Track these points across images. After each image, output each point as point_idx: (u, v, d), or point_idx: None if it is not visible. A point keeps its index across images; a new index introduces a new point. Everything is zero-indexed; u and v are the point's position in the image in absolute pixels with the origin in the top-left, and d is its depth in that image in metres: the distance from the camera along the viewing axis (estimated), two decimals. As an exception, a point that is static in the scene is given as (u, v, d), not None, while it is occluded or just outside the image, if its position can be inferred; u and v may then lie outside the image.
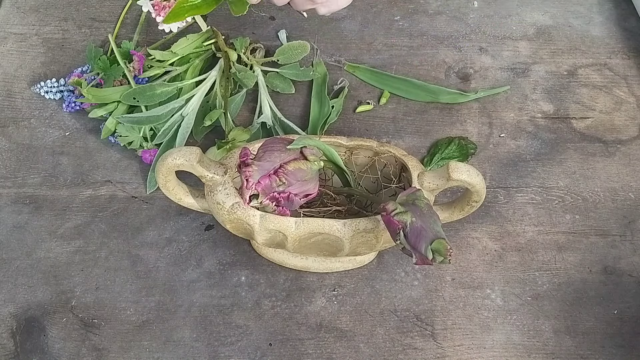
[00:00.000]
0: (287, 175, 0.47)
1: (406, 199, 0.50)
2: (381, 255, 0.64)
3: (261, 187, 0.47)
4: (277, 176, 0.47)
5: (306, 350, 0.59)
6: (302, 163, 0.48)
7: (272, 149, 0.49)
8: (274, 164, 0.47)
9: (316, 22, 0.83)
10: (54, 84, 0.74)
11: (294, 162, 0.48)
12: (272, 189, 0.47)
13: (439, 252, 0.47)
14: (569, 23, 0.84)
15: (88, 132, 0.73)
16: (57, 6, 0.85)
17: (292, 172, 0.47)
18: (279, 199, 0.48)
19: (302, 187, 0.48)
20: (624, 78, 0.78)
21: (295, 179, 0.47)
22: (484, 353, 0.59)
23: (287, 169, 0.47)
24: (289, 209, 0.49)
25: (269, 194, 0.47)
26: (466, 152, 0.71)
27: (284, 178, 0.47)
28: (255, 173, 0.47)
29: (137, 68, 0.71)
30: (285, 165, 0.47)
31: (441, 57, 0.80)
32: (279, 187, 0.47)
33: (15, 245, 0.65)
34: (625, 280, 0.63)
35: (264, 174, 0.47)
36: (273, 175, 0.47)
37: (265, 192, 0.47)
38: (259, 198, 0.47)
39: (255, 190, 0.47)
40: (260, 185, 0.47)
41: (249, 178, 0.46)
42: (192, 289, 0.62)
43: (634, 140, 0.73)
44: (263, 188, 0.47)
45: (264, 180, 0.47)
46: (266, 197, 0.47)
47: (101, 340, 0.59)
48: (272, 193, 0.47)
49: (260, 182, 0.47)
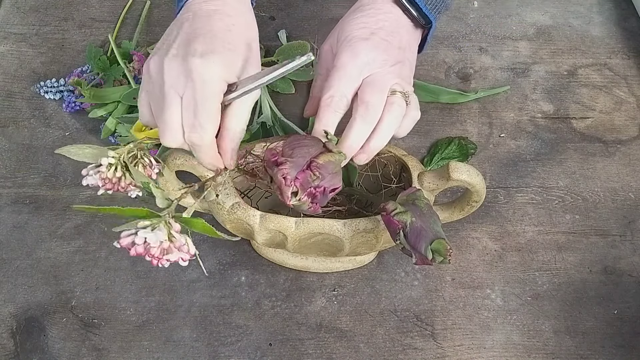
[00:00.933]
0: (320, 169, 0.47)
1: (406, 199, 0.50)
2: (381, 255, 0.64)
3: (300, 183, 0.46)
4: (311, 170, 0.47)
5: (306, 350, 0.59)
6: (330, 155, 0.48)
7: (299, 144, 0.49)
8: (305, 159, 0.47)
9: (316, 22, 0.83)
10: (54, 84, 0.74)
11: (323, 155, 0.47)
12: (309, 183, 0.47)
13: (439, 252, 0.47)
14: (569, 23, 0.84)
15: (88, 132, 0.73)
16: (57, 6, 0.85)
17: (324, 165, 0.47)
18: (315, 194, 0.47)
19: (332, 181, 0.48)
20: (624, 78, 0.78)
21: (327, 171, 0.47)
22: (484, 353, 0.59)
23: (318, 162, 0.47)
24: (321, 205, 0.48)
25: (306, 190, 0.47)
26: (466, 152, 0.71)
27: (318, 172, 0.47)
28: (291, 170, 0.46)
29: (137, 68, 0.71)
30: (316, 159, 0.47)
31: (441, 57, 0.80)
32: (314, 181, 0.47)
33: (15, 245, 0.65)
34: (625, 280, 0.63)
35: (299, 170, 0.46)
36: (307, 170, 0.47)
37: (304, 188, 0.46)
38: (298, 195, 0.47)
39: (294, 186, 0.46)
40: (299, 181, 0.46)
41: (287, 175, 0.46)
42: (192, 289, 0.62)
43: (634, 140, 0.73)
44: (302, 183, 0.46)
45: (301, 176, 0.46)
46: (304, 193, 0.47)
47: (101, 340, 0.59)
48: (309, 188, 0.47)
49: (298, 178, 0.46)
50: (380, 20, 0.53)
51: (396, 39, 0.53)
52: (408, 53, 0.54)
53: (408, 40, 0.54)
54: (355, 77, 0.51)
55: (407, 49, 0.54)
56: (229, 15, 0.49)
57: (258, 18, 0.84)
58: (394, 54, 0.52)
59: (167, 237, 0.42)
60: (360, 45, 0.51)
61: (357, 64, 0.51)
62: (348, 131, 0.50)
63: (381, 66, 0.51)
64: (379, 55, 0.51)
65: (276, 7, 0.85)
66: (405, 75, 0.53)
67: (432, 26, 0.56)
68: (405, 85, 0.52)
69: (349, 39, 0.52)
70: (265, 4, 0.85)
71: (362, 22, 0.53)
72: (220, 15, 0.49)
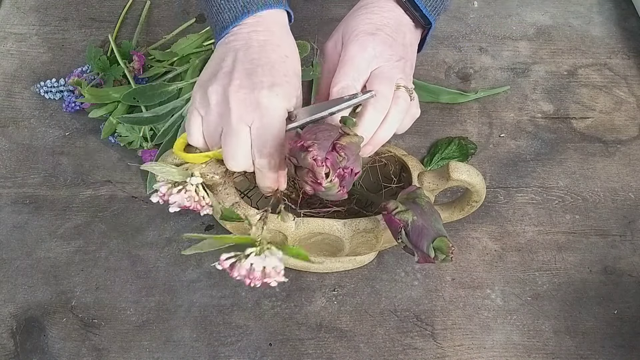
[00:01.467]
0: (344, 150, 0.47)
1: (407, 197, 0.50)
2: (381, 255, 0.64)
3: (330, 163, 0.46)
4: (337, 152, 0.47)
5: (306, 350, 0.59)
6: (350, 137, 0.48)
7: (320, 129, 0.49)
8: (330, 141, 0.47)
9: (316, 22, 0.83)
10: (54, 84, 0.74)
11: (344, 138, 0.47)
12: (338, 164, 0.47)
13: (441, 250, 0.47)
14: (569, 23, 0.84)
15: (88, 132, 0.73)
16: (57, 6, 0.85)
17: (347, 147, 0.47)
18: (344, 175, 0.47)
19: (355, 162, 0.48)
20: (624, 78, 0.78)
21: (351, 153, 0.47)
22: (484, 353, 0.59)
23: (342, 144, 0.47)
24: (347, 188, 0.48)
25: (336, 170, 0.47)
26: (466, 152, 0.71)
27: (343, 152, 0.47)
28: (320, 152, 0.46)
29: (137, 68, 0.71)
30: (339, 141, 0.47)
31: (441, 57, 0.80)
32: (341, 162, 0.47)
33: (15, 245, 0.65)
34: (625, 280, 0.63)
35: (327, 151, 0.47)
36: (333, 151, 0.47)
37: (334, 168, 0.46)
38: (330, 175, 0.47)
39: (326, 167, 0.46)
40: (329, 161, 0.46)
41: (317, 157, 0.46)
42: (192, 289, 0.62)
43: (634, 140, 0.73)
44: (332, 163, 0.46)
45: (330, 156, 0.46)
46: (335, 173, 0.47)
47: (101, 340, 0.59)
48: (339, 169, 0.47)
49: (328, 159, 0.46)
50: (385, 18, 0.54)
51: (400, 36, 0.54)
52: (410, 51, 0.55)
53: (410, 38, 0.55)
54: (364, 70, 0.52)
55: (409, 47, 0.55)
56: (279, 46, 0.51)
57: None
58: (399, 50, 0.53)
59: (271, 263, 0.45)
60: (367, 39, 0.52)
61: (365, 57, 0.52)
62: (360, 120, 0.50)
63: (387, 60, 0.52)
64: (385, 50, 0.52)
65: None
66: (408, 73, 0.53)
67: (431, 27, 0.56)
68: (408, 82, 0.53)
69: (355, 33, 0.53)
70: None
71: (367, 18, 0.54)
72: (272, 45, 0.51)
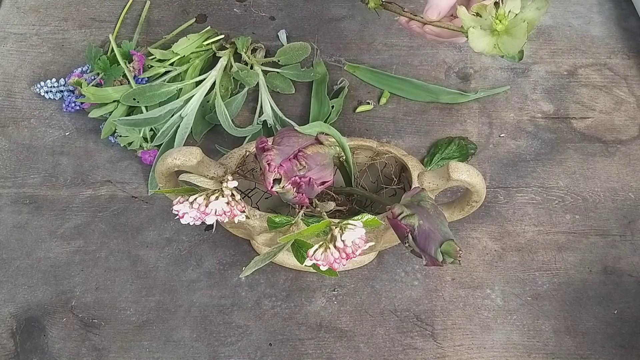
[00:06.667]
0: (307, 159, 0.47)
1: (411, 200, 0.50)
2: (381, 255, 0.64)
3: (283, 170, 0.46)
4: (297, 160, 0.47)
5: (306, 350, 0.59)
6: (320, 147, 0.48)
7: (289, 135, 0.49)
8: (293, 149, 0.47)
9: (316, 22, 0.83)
10: (54, 84, 0.74)
11: (312, 147, 0.48)
12: (294, 172, 0.47)
13: (449, 254, 0.46)
14: (569, 23, 0.84)
15: (88, 132, 0.73)
16: (57, 6, 0.85)
17: (312, 156, 0.47)
18: (300, 183, 0.47)
19: (320, 173, 0.48)
20: (624, 78, 0.78)
21: (315, 163, 0.47)
22: (484, 353, 0.59)
23: (306, 152, 0.47)
24: (308, 196, 0.49)
25: (290, 178, 0.47)
26: (466, 152, 0.71)
27: (304, 161, 0.47)
28: (277, 157, 0.46)
29: (137, 68, 0.71)
30: (304, 150, 0.47)
31: (441, 57, 0.80)
32: (300, 171, 0.47)
33: (15, 245, 0.65)
34: (625, 280, 0.63)
35: (284, 158, 0.47)
36: (293, 159, 0.47)
37: (288, 176, 0.47)
38: (281, 182, 0.47)
39: (277, 173, 0.46)
40: (283, 169, 0.46)
41: (271, 162, 0.46)
42: (192, 289, 0.62)
43: (634, 140, 0.73)
44: (285, 171, 0.46)
45: (286, 164, 0.46)
46: (288, 181, 0.47)
47: (101, 340, 0.59)
48: (294, 177, 0.47)
49: (282, 165, 0.46)
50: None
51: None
52: None
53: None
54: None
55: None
56: None
57: (258, 18, 0.84)
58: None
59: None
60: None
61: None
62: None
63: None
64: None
65: (276, 7, 0.85)
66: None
67: None
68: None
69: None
70: (265, 4, 0.85)
71: None
72: None
